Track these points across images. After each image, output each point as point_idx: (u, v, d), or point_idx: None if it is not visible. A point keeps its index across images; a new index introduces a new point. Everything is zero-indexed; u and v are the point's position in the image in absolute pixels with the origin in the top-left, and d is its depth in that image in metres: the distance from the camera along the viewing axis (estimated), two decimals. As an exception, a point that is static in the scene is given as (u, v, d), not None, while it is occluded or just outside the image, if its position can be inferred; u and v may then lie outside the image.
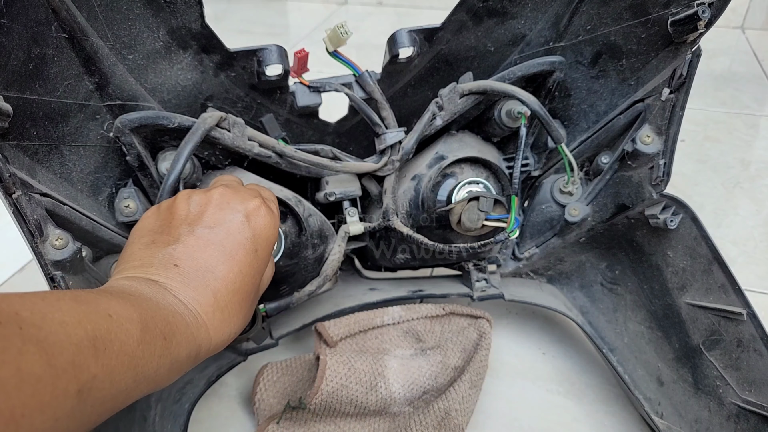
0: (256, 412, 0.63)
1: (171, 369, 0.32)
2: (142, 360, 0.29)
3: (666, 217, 0.56)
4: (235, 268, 0.37)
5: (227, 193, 0.40)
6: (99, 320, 0.27)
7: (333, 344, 0.63)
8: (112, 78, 0.49)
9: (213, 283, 0.36)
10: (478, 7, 0.57)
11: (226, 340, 0.37)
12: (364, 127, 0.63)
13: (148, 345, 0.30)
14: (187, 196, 0.40)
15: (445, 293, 0.68)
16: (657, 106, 0.55)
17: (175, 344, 0.32)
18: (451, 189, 0.58)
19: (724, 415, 0.54)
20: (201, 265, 0.36)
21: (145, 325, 0.30)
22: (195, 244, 0.37)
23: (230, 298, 0.37)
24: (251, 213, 0.39)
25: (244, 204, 0.39)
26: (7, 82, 0.41)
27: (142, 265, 0.36)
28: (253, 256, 0.38)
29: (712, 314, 0.55)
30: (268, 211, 0.40)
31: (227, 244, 0.37)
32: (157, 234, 0.38)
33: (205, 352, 0.36)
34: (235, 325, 0.38)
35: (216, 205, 0.39)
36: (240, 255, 0.37)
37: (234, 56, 0.54)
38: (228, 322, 0.37)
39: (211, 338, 0.36)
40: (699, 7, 0.47)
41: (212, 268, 0.36)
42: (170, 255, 0.36)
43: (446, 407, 0.59)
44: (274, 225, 0.41)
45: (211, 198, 0.39)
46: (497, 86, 0.55)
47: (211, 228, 0.38)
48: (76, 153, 0.49)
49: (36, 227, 0.42)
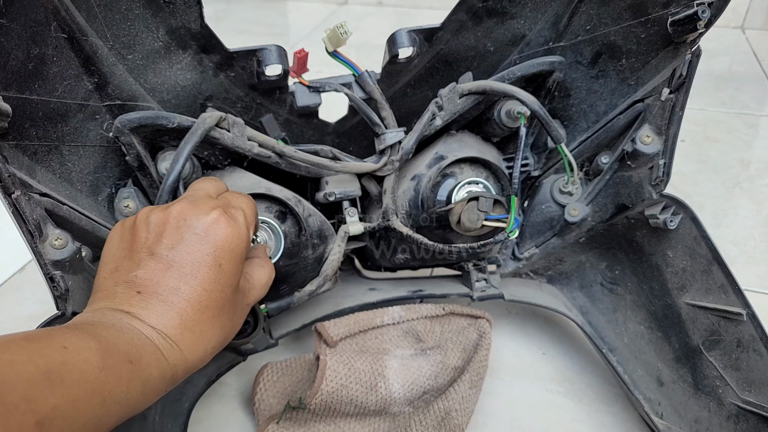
0: (256, 412, 0.63)
1: (145, 391, 0.33)
2: (108, 385, 0.30)
3: (666, 217, 0.56)
4: (199, 287, 0.37)
5: (184, 209, 0.39)
6: (52, 354, 0.28)
7: (333, 344, 0.63)
8: (112, 78, 0.49)
9: (178, 305, 0.36)
10: (478, 7, 0.57)
11: (204, 357, 0.38)
12: (363, 127, 0.63)
13: (112, 370, 0.30)
14: (146, 217, 0.39)
15: (445, 293, 0.68)
16: (657, 106, 0.55)
17: (145, 366, 0.33)
18: (451, 189, 0.58)
19: (724, 416, 0.54)
20: (164, 288, 0.36)
21: (105, 350, 0.30)
22: (155, 267, 0.37)
23: (199, 317, 0.37)
24: (209, 227, 0.38)
25: (199, 219, 0.38)
26: (6, 82, 0.41)
27: (107, 296, 0.37)
28: (217, 271, 0.38)
29: (711, 314, 0.55)
30: (228, 222, 0.39)
31: (187, 264, 0.37)
32: (121, 259, 0.38)
33: (182, 371, 0.36)
34: (211, 340, 0.38)
35: (173, 225, 0.38)
36: (202, 272, 0.37)
37: (233, 56, 0.54)
38: (201, 340, 0.37)
39: (186, 358, 0.36)
40: (699, 7, 0.47)
41: (175, 290, 0.36)
42: (132, 282, 0.36)
43: (446, 407, 0.59)
44: (238, 236, 0.39)
45: (169, 217, 0.39)
46: (497, 86, 0.55)
47: (170, 249, 0.37)
48: (76, 153, 0.49)
49: (35, 227, 0.42)
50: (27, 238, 0.42)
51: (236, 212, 0.40)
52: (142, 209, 0.41)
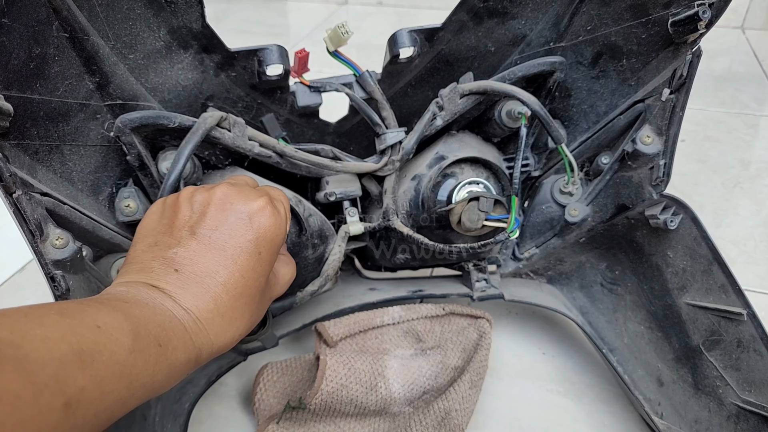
0: (256, 412, 0.63)
1: (169, 375, 0.32)
2: (136, 368, 0.29)
3: (666, 218, 0.56)
4: (237, 273, 0.37)
5: (230, 193, 0.39)
6: (85, 332, 0.27)
7: (333, 344, 0.63)
8: (113, 77, 0.49)
9: (214, 288, 0.36)
10: (479, 8, 0.57)
11: (229, 344, 0.37)
12: (364, 127, 0.63)
13: (141, 353, 0.30)
14: (190, 195, 0.39)
15: (445, 293, 0.68)
16: (657, 107, 0.55)
17: (172, 350, 0.32)
18: (452, 189, 0.58)
19: (724, 416, 0.54)
20: (202, 269, 0.36)
21: (137, 333, 0.30)
22: (196, 247, 0.36)
23: (232, 303, 0.36)
24: (254, 214, 0.38)
25: (247, 204, 0.38)
26: (7, 81, 0.41)
27: (143, 269, 0.36)
28: (257, 259, 0.38)
29: (712, 314, 0.55)
30: (273, 212, 0.39)
31: (229, 248, 0.37)
32: (160, 234, 0.38)
33: (206, 356, 0.36)
34: (238, 329, 0.37)
35: (218, 206, 0.38)
36: (242, 258, 0.37)
37: (234, 56, 0.54)
38: (230, 326, 0.36)
39: (212, 343, 0.35)
40: (699, 8, 0.47)
41: (213, 273, 0.36)
42: (171, 259, 0.36)
43: (446, 407, 0.59)
44: (280, 226, 0.39)
45: (213, 197, 0.39)
46: (498, 86, 0.55)
47: (213, 230, 0.37)
48: (77, 152, 0.49)
49: (36, 227, 0.42)
50: (28, 237, 0.42)
51: (279, 204, 0.41)
52: (186, 188, 0.40)
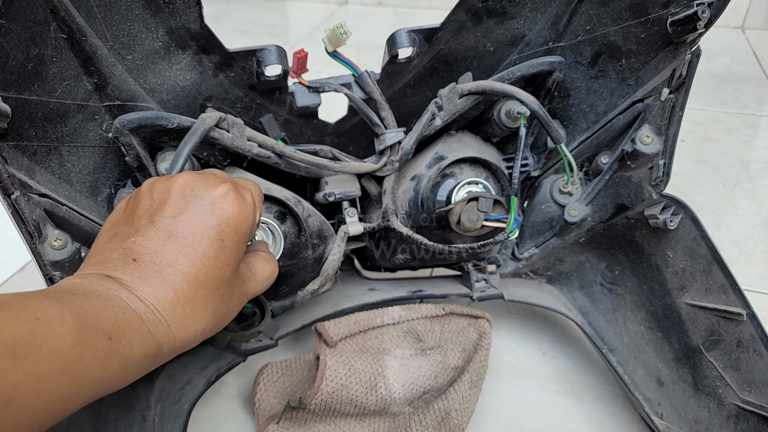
0: (256, 412, 0.63)
1: (123, 370, 0.31)
2: (81, 363, 0.28)
3: (666, 218, 0.56)
4: (198, 261, 0.35)
5: (192, 180, 0.37)
6: (21, 325, 0.26)
7: (333, 344, 0.63)
8: (111, 78, 0.49)
9: (173, 278, 0.34)
10: (478, 8, 0.57)
11: (193, 338, 0.35)
12: (363, 127, 0.63)
13: (87, 346, 0.28)
14: (151, 185, 0.38)
15: (444, 293, 0.68)
16: (656, 107, 0.55)
17: (125, 343, 0.30)
18: (451, 189, 0.57)
19: (724, 416, 0.54)
20: (161, 258, 0.34)
21: (82, 325, 0.28)
22: (155, 235, 0.35)
23: (193, 293, 0.35)
24: (217, 200, 0.37)
25: (208, 191, 0.37)
26: (5, 82, 0.40)
27: (101, 261, 0.35)
28: (219, 247, 0.36)
29: (711, 314, 0.55)
30: (237, 198, 0.37)
31: (189, 235, 0.35)
32: (120, 226, 0.36)
33: (168, 350, 0.34)
34: (202, 321, 0.36)
35: (179, 193, 0.37)
36: (203, 246, 0.35)
37: (233, 56, 0.54)
38: (192, 318, 0.35)
39: (174, 336, 0.34)
40: (698, 7, 0.47)
41: (173, 261, 0.34)
42: (129, 248, 0.34)
43: (446, 407, 0.59)
44: (244, 213, 0.38)
45: (174, 185, 0.37)
46: (497, 86, 0.55)
47: (173, 218, 0.35)
48: (75, 153, 0.49)
49: (35, 228, 0.42)
50: (26, 238, 0.42)
51: (245, 192, 0.39)
52: (148, 179, 0.39)
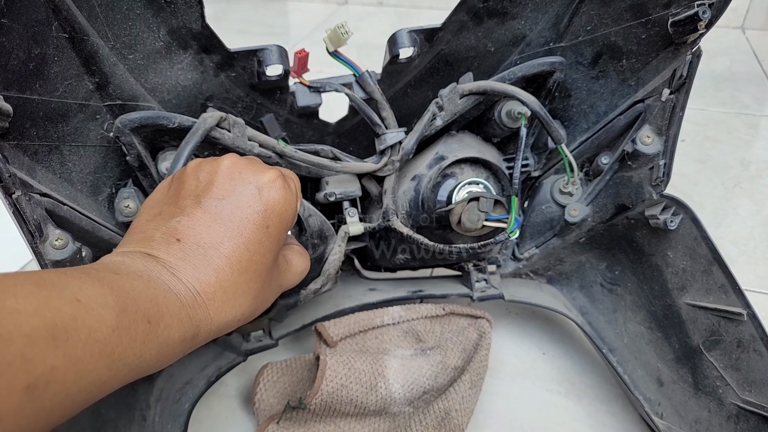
0: (256, 412, 0.63)
1: (161, 354, 0.30)
2: (119, 347, 0.27)
3: (666, 218, 0.56)
4: (243, 245, 0.34)
5: (239, 163, 0.37)
6: (62, 306, 0.25)
7: (333, 344, 0.63)
8: (113, 78, 0.49)
9: (216, 261, 0.33)
10: (479, 8, 0.57)
11: (230, 323, 0.34)
12: (364, 127, 0.63)
13: (127, 330, 0.27)
14: (197, 165, 0.37)
15: (444, 293, 0.68)
16: (657, 107, 0.55)
17: (164, 327, 0.30)
18: (451, 189, 0.58)
19: (724, 416, 0.54)
20: (205, 240, 0.33)
21: (123, 308, 0.27)
22: (201, 217, 0.34)
23: (236, 278, 0.34)
24: (264, 185, 0.36)
25: (257, 175, 0.36)
26: (7, 81, 0.40)
27: (144, 239, 0.34)
28: (264, 232, 0.35)
29: (712, 314, 0.55)
30: (284, 185, 0.37)
31: (235, 219, 0.34)
32: (165, 205, 0.36)
33: (205, 334, 0.33)
34: (242, 306, 0.35)
35: (226, 175, 0.36)
36: (248, 231, 0.35)
37: (234, 56, 0.54)
38: (232, 303, 0.34)
39: (212, 319, 0.33)
40: (699, 8, 0.47)
41: (217, 244, 0.34)
42: (174, 228, 0.34)
43: (446, 407, 0.59)
44: (289, 201, 0.37)
45: (221, 167, 0.36)
46: (497, 86, 0.55)
47: (220, 200, 0.35)
48: (76, 153, 0.49)
49: (36, 227, 0.42)
50: (27, 238, 0.42)
51: (290, 180, 0.39)
52: (193, 160, 0.38)
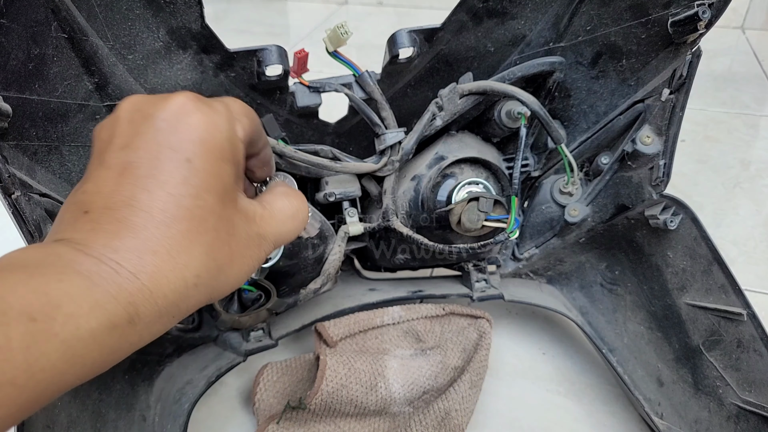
0: (256, 412, 0.63)
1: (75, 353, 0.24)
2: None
3: (666, 218, 0.56)
4: (160, 191, 0.27)
5: (139, 100, 0.30)
6: None
7: (333, 344, 0.63)
8: (112, 78, 0.49)
9: (133, 219, 0.27)
10: (478, 8, 0.57)
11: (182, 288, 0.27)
12: (363, 127, 0.63)
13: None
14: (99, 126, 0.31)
15: (444, 294, 0.68)
16: (657, 107, 0.55)
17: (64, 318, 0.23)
18: (451, 189, 0.58)
19: (724, 416, 0.54)
20: (115, 200, 0.27)
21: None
22: (105, 175, 0.28)
23: (164, 232, 0.27)
24: (172, 115, 0.29)
25: (158, 106, 0.29)
26: (6, 82, 0.41)
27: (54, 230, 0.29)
28: (186, 168, 0.28)
29: (712, 315, 0.55)
30: (197, 107, 0.29)
31: (144, 163, 0.28)
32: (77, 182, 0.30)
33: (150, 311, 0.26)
34: (189, 265, 0.27)
35: (127, 120, 0.29)
36: (165, 172, 0.28)
37: (234, 56, 0.54)
38: (171, 264, 0.27)
39: (150, 291, 0.26)
40: (699, 8, 0.47)
41: (129, 200, 0.27)
42: (79, 201, 0.28)
43: (446, 407, 0.59)
44: (214, 123, 0.29)
45: (120, 112, 0.30)
46: (497, 86, 0.55)
47: (122, 149, 0.28)
48: (76, 153, 0.49)
49: (35, 228, 0.42)
50: (27, 238, 0.42)
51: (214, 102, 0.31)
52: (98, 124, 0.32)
